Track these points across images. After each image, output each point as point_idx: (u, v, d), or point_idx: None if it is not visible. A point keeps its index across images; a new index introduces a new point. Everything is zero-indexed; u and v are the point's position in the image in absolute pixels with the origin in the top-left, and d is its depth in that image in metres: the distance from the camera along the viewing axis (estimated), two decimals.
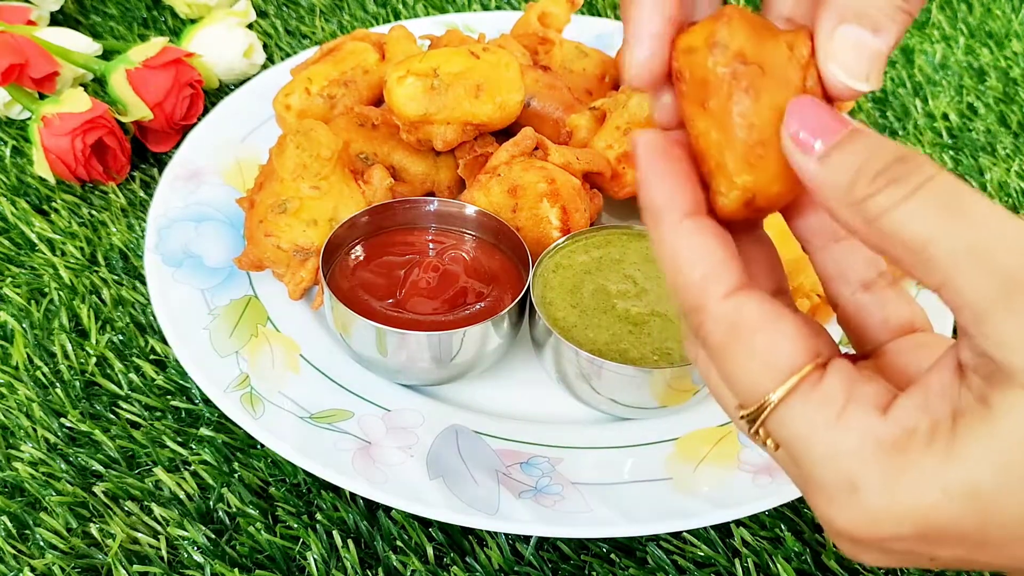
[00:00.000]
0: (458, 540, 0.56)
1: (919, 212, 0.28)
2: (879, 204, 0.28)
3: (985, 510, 0.28)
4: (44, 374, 0.64)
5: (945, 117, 0.94)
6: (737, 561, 0.56)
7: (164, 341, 0.66)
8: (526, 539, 0.56)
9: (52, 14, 0.96)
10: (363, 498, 0.57)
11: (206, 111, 0.84)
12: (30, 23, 0.87)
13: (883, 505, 0.28)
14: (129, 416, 0.62)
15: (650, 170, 0.33)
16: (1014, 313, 0.27)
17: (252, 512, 0.56)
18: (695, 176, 0.33)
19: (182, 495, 0.57)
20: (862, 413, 0.29)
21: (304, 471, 0.58)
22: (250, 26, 0.98)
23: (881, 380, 0.31)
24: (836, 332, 0.50)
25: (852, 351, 0.36)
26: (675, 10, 0.32)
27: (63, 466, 0.59)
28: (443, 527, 0.56)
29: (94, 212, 0.77)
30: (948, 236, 0.27)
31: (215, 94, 0.89)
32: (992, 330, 0.27)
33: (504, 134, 0.71)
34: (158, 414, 0.62)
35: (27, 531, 0.56)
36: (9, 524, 0.56)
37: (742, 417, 0.32)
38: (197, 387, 0.63)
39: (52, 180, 0.78)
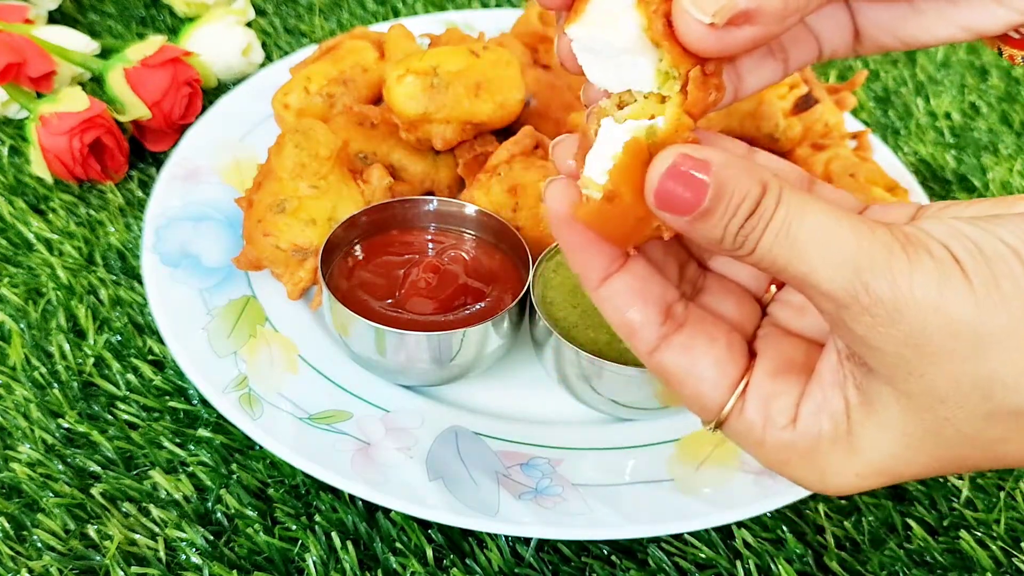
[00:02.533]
0: (458, 542, 0.56)
1: (769, 247, 0.33)
2: (743, 250, 0.34)
3: (895, 477, 0.36)
4: (42, 375, 0.64)
5: (947, 116, 0.94)
6: (739, 563, 0.55)
7: (162, 341, 0.65)
8: (526, 541, 0.56)
9: (50, 13, 0.96)
10: (362, 500, 0.57)
11: (204, 110, 0.83)
12: (28, 22, 0.86)
13: (824, 488, 0.37)
14: (127, 417, 0.61)
15: (561, 243, 0.37)
16: (864, 312, 0.32)
17: (250, 513, 0.56)
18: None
19: (180, 496, 0.57)
20: (779, 435, 0.37)
21: (303, 472, 0.58)
22: (249, 24, 0.98)
23: (791, 384, 0.37)
24: None
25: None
26: None
27: (61, 467, 0.58)
28: (443, 529, 0.56)
29: (92, 212, 0.76)
30: (794, 261, 0.33)
31: (213, 93, 0.88)
32: (845, 332, 0.33)
33: (504, 133, 0.71)
34: (156, 415, 0.62)
35: (25, 532, 0.55)
36: (7, 525, 0.55)
37: (705, 427, 0.39)
38: (195, 388, 0.62)
39: (50, 179, 0.77)
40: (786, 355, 0.38)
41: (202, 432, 0.60)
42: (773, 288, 0.41)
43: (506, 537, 0.56)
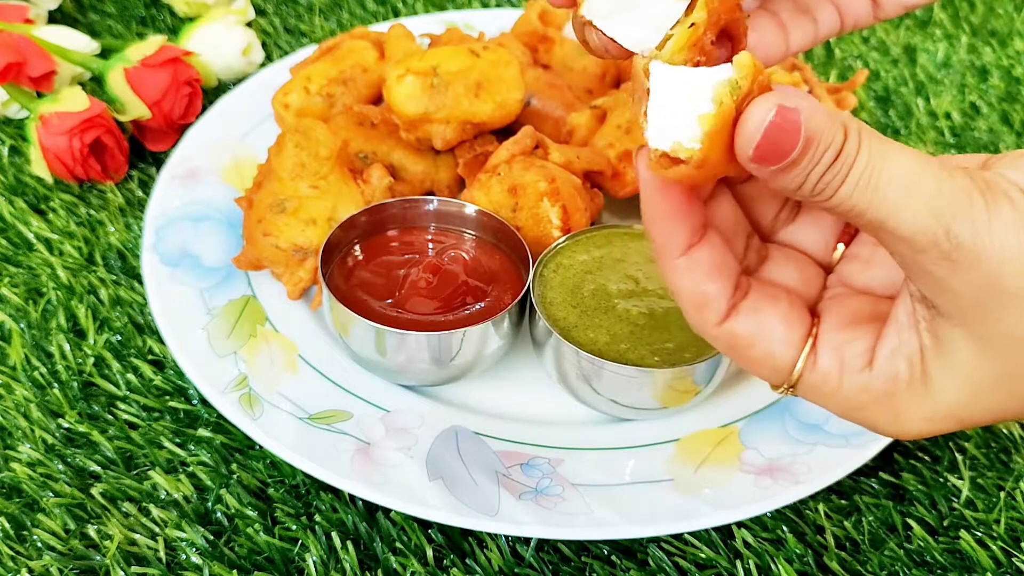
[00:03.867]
0: (458, 542, 0.56)
1: (850, 193, 0.33)
2: (822, 196, 0.34)
3: (962, 422, 0.37)
4: (42, 374, 0.64)
5: (948, 116, 0.94)
6: (739, 563, 0.55)
7: (162, 341, 0.65)
8: (526, 541, 0.56)
9: (50, 12, 0.96)
10: (362, 499, 0.57)
11: (204, 110, 0.83)
12: (28, 21, 0.86)
13: (898, 431, 0.37)
14: (127, 417, 0.61)
15: (648, 208, 0.37)
16: (938, 262, 0.33)
17: (250, 513, 0.56)
18: (692, 209, 0.37)
19: (180, 496, 0.57)
20: (855, 378, 0.37)
21: (303, 472, 0.58)
22: (249, 24, 0.98)
23: (863, 331, 0.38)
24: None
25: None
26: None
27: (61, 467, 0.58)
28: (443, 529, 0.56)
29: (92, 211, 0.76)
30: (873, 206, 0.33)
31: (213, 93, 0.88)
32: (921, 276, 0.34)
33: (504, 133, 0.71)
34: (156, 415, 0.62)
35: (25, 532, 0.55)
36: (7, 525, 0.55)
37: (775, 391, 0.40)
38: (195, 388, 0.62)
39: (50, 179, 0.77)
40: (853, 310, 0.39)
41: (202, 432, 0.60)
42: (840, 247, 0.42)
43: (506, 537, 0.56)
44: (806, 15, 0.49)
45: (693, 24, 0.37)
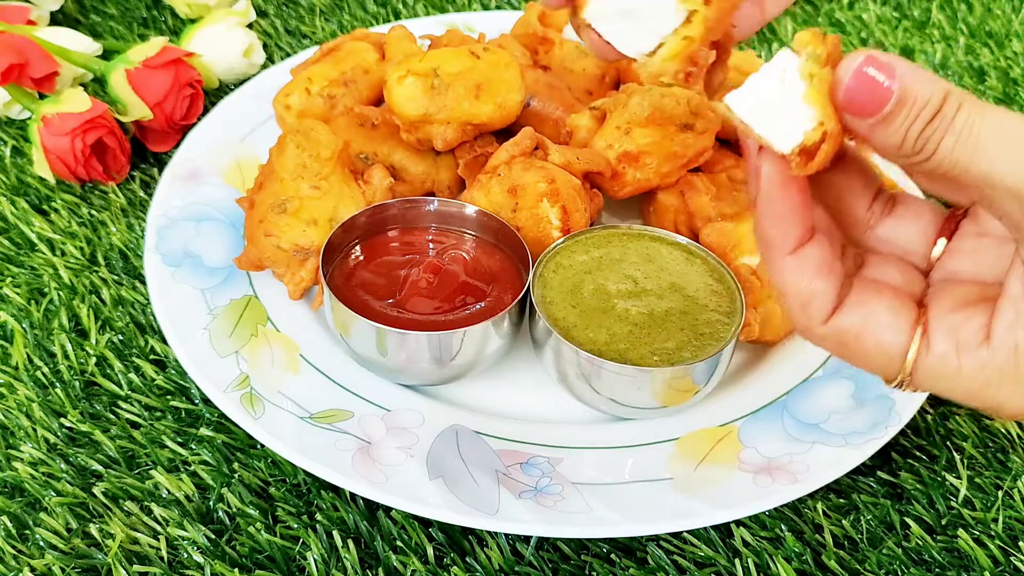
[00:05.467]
0: (458, 540, 0.56)
1: (951, 149, 0.34)
2: (923, 154, 0.34)
3: None
4: (44, 374, 0.64)
5: None
6: (737, 561, 0.55)
7: (164, 341, 0.66)
8: (526, 539, 0.56)
9: (52, 14, 0.96)
10: (363, 498, 0.57)
11: (206, 111, 0.84)
12: (30, 23, 0.87)
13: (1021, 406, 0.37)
14: (129, 416, 0.62)
15: (768, 202, 0.38)
16: None
17: (252, 512, 0.56)
18: (806, 208, 0.38)
19: (182, 495, 0.57)
20: (975, 356, 0.37)
21: (304, 471, 0.58)
22: (250, 26, 0.98)
23: (976, 311, 0.37)
24: None
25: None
26: None
27: (63, 466, 0.59)
28: (443, 527, 0.56)
29: (94, 212, 0.76)
30: (976, 161, 0.33)
31: (215, 94, 0.89)
32: None
33: (504, 134, 0.71)
34: (158, 414, 0.62)
35: (27, 531, 0.56)
36: (9, 524, 0.56)
37: (891, 385, 0.39)
38: (197, 387, 0.62)
39: (52, 180, 0.78)
40: (962, 295, 0.39)
41: (204, 431, 0.61)
42: (941, 242, 0.42)
43: (506, 535, 0.56)
44: None
45: (687, 37, 0.38)
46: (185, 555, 0.55)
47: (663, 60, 0.40)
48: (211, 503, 0.57)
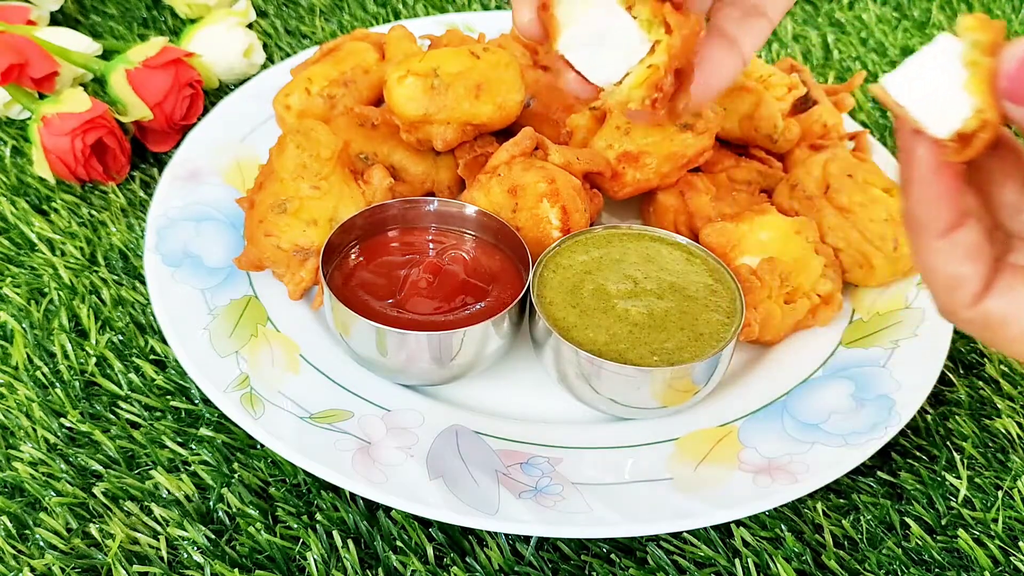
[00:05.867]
0: (458, 540, 0.56)
1: None
2: None
3: None
4: (44, 374, 0.64)
5: None
6: (737, 561, 0.55)
7: (164, 341, 0.66)
8: (526, 539, 0.56)
9: (52, 14, 0.96)
10: (363, 498, 0.57)
11: (206, 111, 0.84)
12: (30, 23, 0.87)
13: None
14: (129, 416, 0.62)
15: (920, 186, 0.38)
16: None
17: (252, 512, 0.56)
18: (960, 193, 0.38)
19: (182, 495, 0.57)
20: None
21: (304, 471, 0.58)
22: (250, 26, 0.98)
23: None
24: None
25: None
26: None
27: (63, 466, 0.59)
28: (443, 527, 0.56)
29: (94, 212, 0.76)
30: None
31: (215, 94, 0.89)
32: None
33: (504, 134, 0.71)
34: (158, 414, 0.62)
35: (27, 531, 0.56)
36: (9, 524, 0.56)
37: None
38: (197, 387, 0.63)
39: (52, 180, 0.78)
40: None
41: (204, 431, 0.61)
42: None
43: (506, 535, 0.56)
44: (753, 15, 0.50)
45: (651, 65, 0.40)
46: (185, 555, 0.55)
47: (629, 88, 0.42)
48: (211, 503, 0.57)
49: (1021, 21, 1.07)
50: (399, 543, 0.56)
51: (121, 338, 0.67)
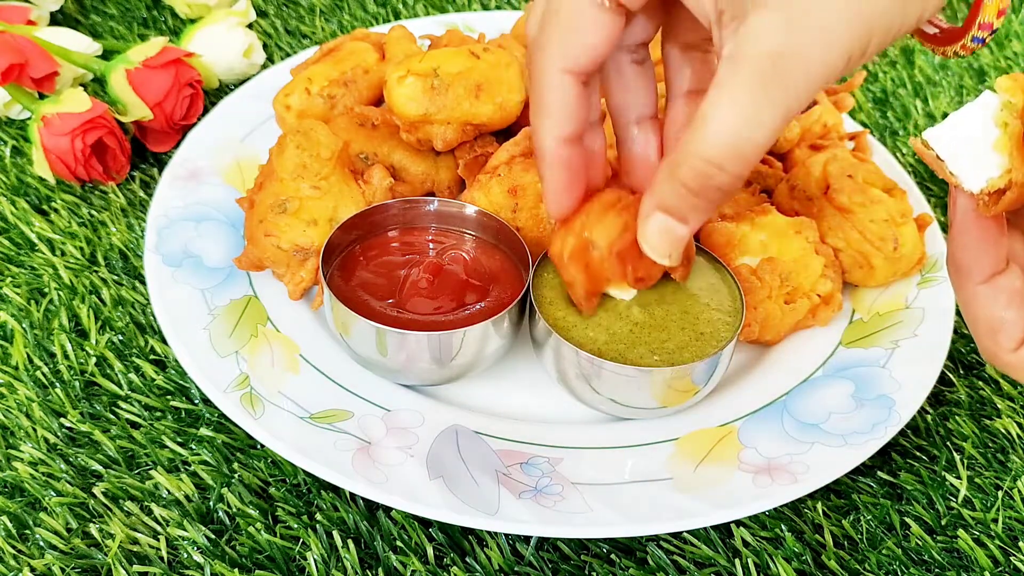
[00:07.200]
0: (458, 540, 0.56)
1: None
2: None
3: None
4: (44, 374, 0.64)
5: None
6: (737, 561, 0.56)
7: (164, 341, 0.66)
8: (526, 539, 0.56)
9: (52, 14, 0.96)
10: (363, 498, 0.57)
11: (206, 111, 0.84)
12: (30, 23, 0.87)
13: None
14: (129, 416, 0.62)
15: (962, 232, 0.40)
16: None
17: (252, 512, 0.56)
18: (1001, 240, 0.39)
19: (182, 495, 0.57)
20: None
21: (304, 471, 0.58)
22: (250, 26, 0.98)
23: None
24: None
25: None
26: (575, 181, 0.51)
27: (63, 466, 0.59)
28: (443, 527, 0.56)
29: (94, 212, 0.76)
30: None
31: (215, 94, 0.89)
32: None
33: (504, 134, 0.71)
34: (158, 414, 0.62)
35: (27, 531, 0.56)
36: (9, 524, 0.56)
37: None
38: (197, 387, 0.63)
39: (52, 180, 0.78)
40: None
41: (204, 431, 0.61)
42: None
43: (506, 535, 0.56)
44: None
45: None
46: (185, 555, 0.55)
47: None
48: (211, 503, 0.57)
49: (1021, 21, 1.07)
50: (399, 543, 0.56)
51: (121, 338, 0.67)
